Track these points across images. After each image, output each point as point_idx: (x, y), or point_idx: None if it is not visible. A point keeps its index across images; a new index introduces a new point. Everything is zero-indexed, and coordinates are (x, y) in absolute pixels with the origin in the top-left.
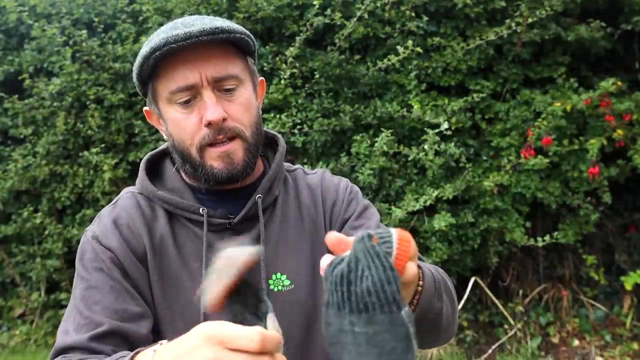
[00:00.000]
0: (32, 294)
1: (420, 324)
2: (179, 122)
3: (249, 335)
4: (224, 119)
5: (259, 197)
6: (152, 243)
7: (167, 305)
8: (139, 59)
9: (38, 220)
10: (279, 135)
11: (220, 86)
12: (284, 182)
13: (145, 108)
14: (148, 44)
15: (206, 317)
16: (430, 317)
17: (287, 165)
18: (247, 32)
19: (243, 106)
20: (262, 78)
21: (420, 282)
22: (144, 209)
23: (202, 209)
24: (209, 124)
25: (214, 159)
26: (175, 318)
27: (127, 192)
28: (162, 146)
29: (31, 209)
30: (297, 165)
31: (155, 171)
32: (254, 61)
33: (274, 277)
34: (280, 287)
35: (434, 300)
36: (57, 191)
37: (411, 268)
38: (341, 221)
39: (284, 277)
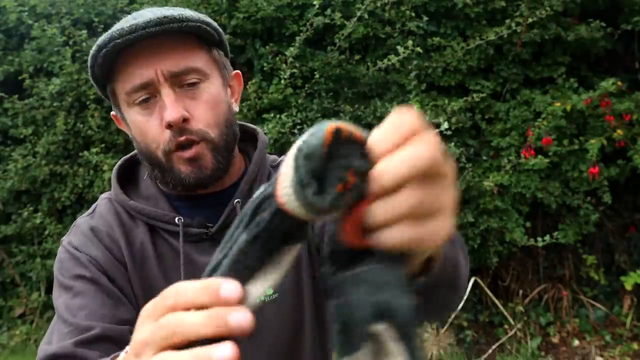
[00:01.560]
0: (32, 294)
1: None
2: (140, 126)
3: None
4: (185, 119)
5: (238, 201)
6: (132, 252)
7: None
8: (89, 59)
9: (38, 220)
10: (259, 129)
11: (181, 82)
12: (268, 179)
13: (112, 113)
14: (96, 42)
15: None
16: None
17: (271, 158)
18: (207, 20)
19: (208, 104)
20: (238, 71)
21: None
22: (121, 216)
23: (178, 219)
24: (169, 126)
25: (181, 164)
26: None
27: (104, 198)
28: (134, 152)
29: (31, 209)
30: (283, 158)
31: (129, 177)
32: (224, 53)
33: None
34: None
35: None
36: (57, 191)
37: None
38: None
39: None
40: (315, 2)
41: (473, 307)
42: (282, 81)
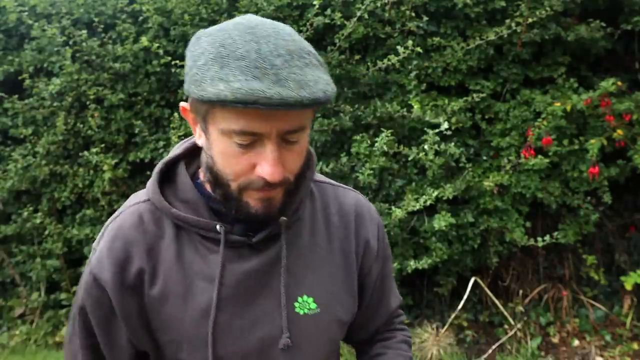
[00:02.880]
0: (32, 294)
1: None
2: (228, 158)
3: None
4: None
5: (284, 220)
6: (154, 269)
7: (169, 330)
8: (209, 88)
9: (38, 220)
10: (311, 150)
11: (287, 138)
12: (310, 195)
13: (183, 104)
14: (223, 73)
15: (215, 337)
16: None
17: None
18: (334, 88)
19: (299, 154)
20: None
21: None
22: (147, 226)
23: (220, 226)
24: (263, 179)
25: (254, 200)
26: (180, 341)
27: (133, 202)
28: (177, 151)
29: (31, 209)
30: (324, 177)
31: (166, 175)
32: None
33: (300, 299)
34: (306, 310)
35: None
36: (57, 191)
37: None
38: (369, 262)
39: (310, 299)
40: (315, 2)
41: (473, 307)
42: None
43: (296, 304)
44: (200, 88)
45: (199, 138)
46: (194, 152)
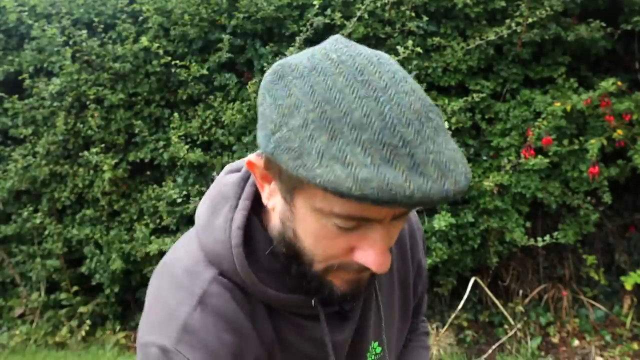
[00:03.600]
0: (32, 294)
1: None
2: (321, 240)
3: None
4: None
5: (376, 285)
6: (264, 345)
7: None
8: (317, 169)
9: (38, 220)
10: None
11: (398, 216)
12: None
13: (252, 160)
14: (341, 150)
15: None
16: None
17: None
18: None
19: (398, 232)
20: None
21: None
22: (241, 303)
23: (316, 303)
24: (367, 267)
25: (340, 280)
26: None
27: (212, 280)
28: (245, 200)
29: (31, 209)
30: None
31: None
32: None
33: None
34: (373, 357)
35: None
36: (57, 191)
37: None
38: (416, 284)
39: (376, 344)
40: (315, 2)
41: (473, 307)
42: None
43: (367, 354)
44: (303, 166)
45: (268, 198)
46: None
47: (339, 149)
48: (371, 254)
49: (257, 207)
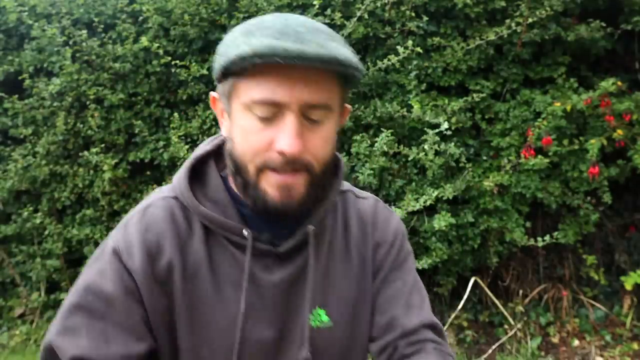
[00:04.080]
0: (32, 294)
1: None
2: (247, 134)
3: None
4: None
5: (313, 228)
6: (185, 266)
7: (193, 334)
8: (232, 51)
9: (38, 220)
10: (340, 156)
11: (309, 114)
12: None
13: (213, 94)
14: (247, 38)
15: (240, 348)
16: None
17: None
18: (360, 66)
19: (323, 140)
20: (349, 106)
21: None
22: (179, 223)
23: (247, 232)
24: (281, 153)
25: (271, 186)
26: (202, 347)
27: (160, 197)
28: (207, 147)
29: (31, 209)
30: (347, 185)
31: (195, 172)
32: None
33: (313, 312)
34: (318, 323)
35: None
36: (57, 191)
37: None
38: (379, 268)
39: (322, 312)
40: (315, 2)
41: (473, 307)
42: None
43: (310, 316)
44: (225, 54)
45: (224, 126)
46: (222, 149)
47: (249, 38)
48: (282, 137)
49: (218, 159)
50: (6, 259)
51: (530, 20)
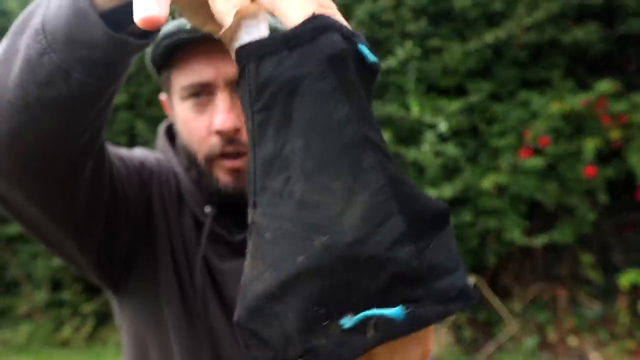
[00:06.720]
0: (36, 292)
1: None
2: (188, 123)
3: None
4: (237, 130)
5: None
6: (163, 207)
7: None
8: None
9: None
10: None
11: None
12: None
13: (161, 97)
14: (163, 29)
15: (205, 305)
16: None
17: None
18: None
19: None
20: None
21: None
22: (163, 174)
23: (208, 208)
24: (218, 132)
25: (222, 172)
26: (151, 289)
27: (154, 157)
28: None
29: None
30: None
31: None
32: None
33: None
34: None
35: None
36: None
37: None
38: None
39: None
40: None
41: (472, 306)
42: None
43: None
44: (149, 56)
45: (174, 121)
46: None
47: (163, 34)
48: (216, 117)
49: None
50: (10, 259)
51: (527, 22)
